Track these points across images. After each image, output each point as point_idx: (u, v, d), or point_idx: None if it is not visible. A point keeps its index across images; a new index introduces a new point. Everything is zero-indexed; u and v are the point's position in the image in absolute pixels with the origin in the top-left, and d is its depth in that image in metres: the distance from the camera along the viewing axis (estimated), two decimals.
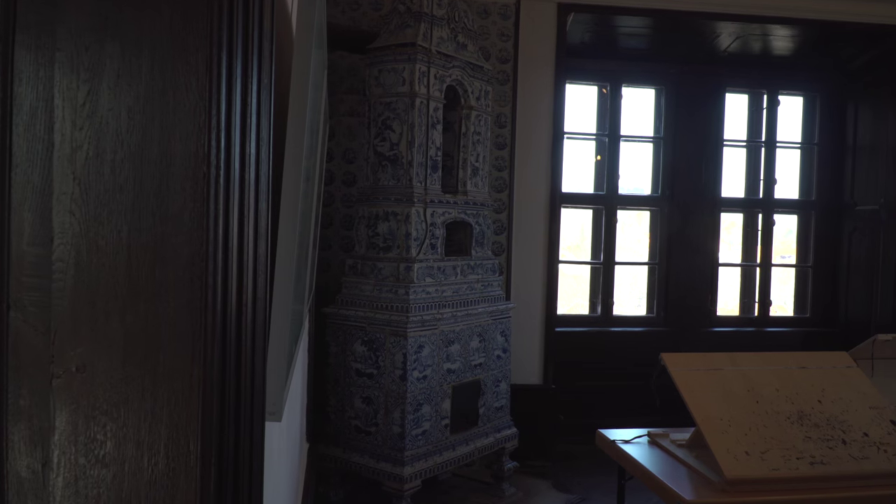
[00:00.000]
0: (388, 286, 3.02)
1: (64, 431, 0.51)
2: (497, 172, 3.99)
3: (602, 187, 4.46)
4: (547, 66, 4.00)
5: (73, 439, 0.51)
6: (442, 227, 3.16)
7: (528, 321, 4.10)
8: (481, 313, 3.27)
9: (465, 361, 3.17)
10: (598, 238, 4.49)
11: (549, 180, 4.13)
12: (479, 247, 3.39)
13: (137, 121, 0.53)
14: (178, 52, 0.54)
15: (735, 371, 2.11)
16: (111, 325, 0.55)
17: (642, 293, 4.66)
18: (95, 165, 0.53)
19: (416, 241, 3.03)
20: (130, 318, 0.56)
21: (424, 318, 2.94)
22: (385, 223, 3.08)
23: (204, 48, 0.55)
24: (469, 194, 3.35)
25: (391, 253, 3.06)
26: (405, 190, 3.04)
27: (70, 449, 0.51)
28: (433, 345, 3.00)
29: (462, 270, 3.25)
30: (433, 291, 3.07)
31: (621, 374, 4.27)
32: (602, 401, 4.27)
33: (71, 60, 0.51)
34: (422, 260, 3.03)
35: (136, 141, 0.54)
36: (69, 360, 0.53)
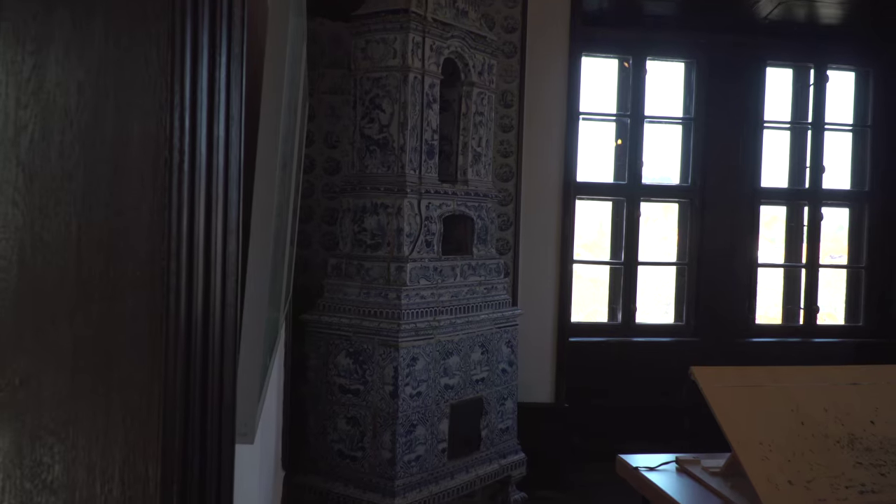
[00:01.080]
0: (376, 289, 3.02)
1: (8, 453, 0.51)
2: (502, 159, 4.00)
3: (623, 176, 4.47)
4: (560, 35, 4.01)
5: (18, 462, 0.51)
6: (439, 221, 3.17)
7: (538, 330, 4.12)
8: (484, 321, 3.28)
9: (466, 376, 3.18)
10: (618, 234, 4.51)
11: (563, 168, 4.15)
12: (481, 244, 3.40)
13: (88, 96, 0.53)
14: (136, 18, 0.54)
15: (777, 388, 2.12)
16: (59, 331, 0.55)
17: (669, 298, 4.68)
18: (41, 149, 0.53)
19: (410, 237, 3.04)
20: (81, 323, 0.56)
21: (418, 326, 2.95)
22: (373, 217, 3.09)
23: (166, 14, 0.55)
24: (470, 184, 3.36)
25: (380, 251, 3.07)
26: (396, 179, 3.05)
27: (15, 473, 0.51)
28: (428, 357, 3.00)
29: (462, 271, 3.26)
30: (428, 295, 3.08)
31: (645, 390, 4.29)
32: (623, 422, 4.28)
33: (16, 31, 0.51)
34: (415, 259, 3.04)
35: (86, 120, 0.54)
36: (11, 373, 0.53)
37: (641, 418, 4.28)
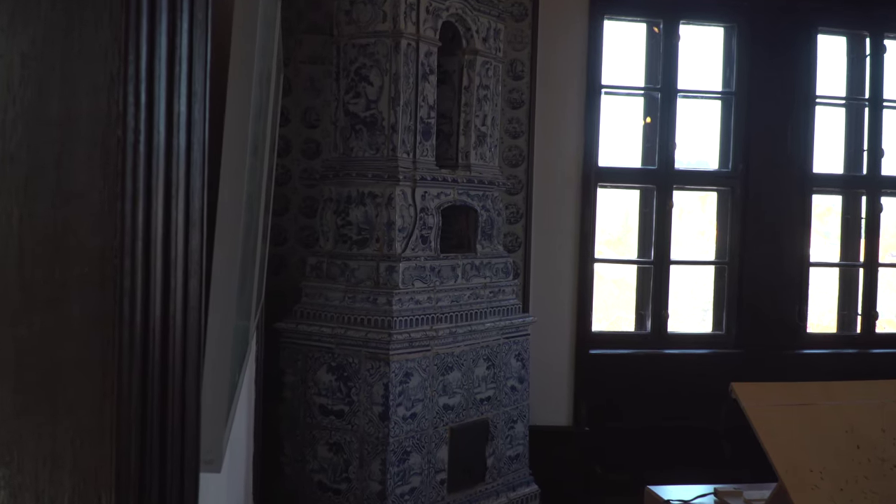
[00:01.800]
0: (363, 293, 3.03)
1: None
2: (511, 140, 4.01)
3: (653, 160, 4.48)
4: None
5: None
6: (436, 213, 3.18)
7: (554, 340, 4.13)
8: (490, 330, 3.29)
9: (469, 395, 3.19)
10: (647, 229, 4.52)
11: (582, 151, 4.16)
12: (486, 240, 3.41)
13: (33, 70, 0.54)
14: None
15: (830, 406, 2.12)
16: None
17: (707, 303, 4.69)
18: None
19: (402, 232, 3.05)
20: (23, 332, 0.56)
21: (413, 337, 2.97)
22: (360, 208, 3.10)
23: None
24: (473, 169, 3.37)
25: (368, 248, 3.08)
26: (386, 163, 3.06)
27: None
28: (425, 372, 3.02)
29: (464, 272, 3.27)
30: (424, 300, 3.09)
31: (679, 411, 4.30)
32: (652, 448, 4.29)
33: None
34: (409, 257, 3.05)
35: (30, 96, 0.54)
36: None
37: (674, 443, 4.29)
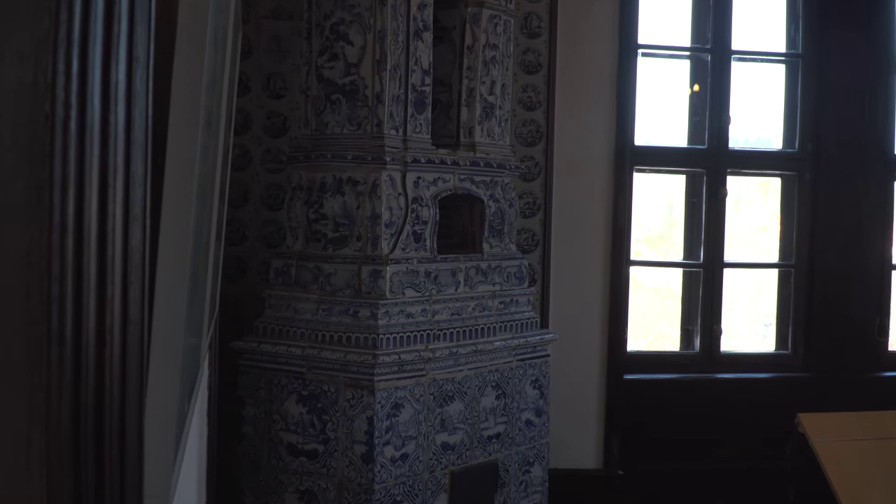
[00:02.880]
0: (341, 304, 3.05)
1: None
2: (526, 113, 4.02)
3: (701, 138, 4.49)
4: None
5: None
6: (433, 203, 3.19)
7: (579, 363, 4.14)
8: (500, 350, 3.30)
9: (473, 431, 3.21)
10: (695, 223, 4.53)
11: (614, 126, 4.17)
12: (495, 238, 3.42)
13: None
14: None
15: None
16: None
17: (769, 315, 4.71)
18: None
19: (390, 227, 3.06)
20: None
21: (404, 359, 2.98)
22: (337, 198, 3.11)
23: None
24: (478, 149, 3.38)
25: (347, 248, 3.09)
26: (370, 142, 3.07)
27: None
28: (419, 403, 3.03)
29: (467, 277, 3.28)
30: (418, 313, 3.10)
31: (734, 449, 4.31)
32: (702, 494, 4.30)
33: None
34: (399, 260, 3.06)
35: None
36: None
37: (728, 488, 4.29)
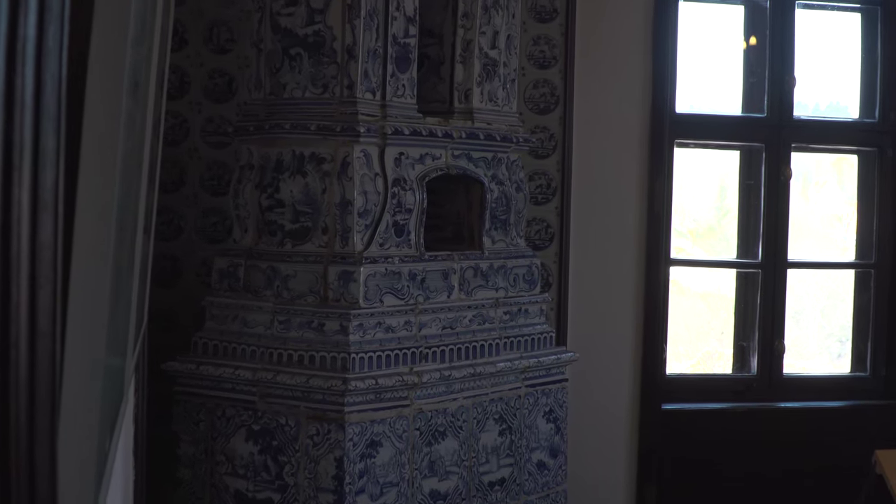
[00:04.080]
0: (303, 314, 3.05)
1: None
2: (538, 71, 4.02)
3: (759, 105, 4.50)
4: None
5: None
6: (419, 187, 3.19)
7: (606, 389, 4.14)
8: (504, 373, 3.31)
9: (471, 476, 3.22)
10: (751, 212, 4.54)
11: (650, 88, 4.16)
12: (499, 230, 3.43)
13: None
14: None
15: None
16: None
17: (844, 328, 4.72)
18: None
19: (365, 216, 3.06)
20: None
21: (382, 384, 2.98)
22: (297, 180, 3.11)
23: None
24: (478, 117, 3.38)
25: (310, 243, 3.09)
26: (340, 108, 3.07)
27: None
28: (401, 441, 3.03)
29: (463, 280, 3.28)
30: (400, 326, 3.10)
31: (799, 493, 4.32)
32: None
33: None
34: (376, 258, 3.06)
35: None
36: None
37: None
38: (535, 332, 3.47)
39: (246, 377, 3.05)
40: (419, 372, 3.08)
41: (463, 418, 3.20)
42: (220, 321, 3.19)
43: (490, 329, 3.34)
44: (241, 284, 3.17)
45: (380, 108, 3.12)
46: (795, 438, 4.35)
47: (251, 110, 3.23)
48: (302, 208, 3.11)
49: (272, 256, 3.13)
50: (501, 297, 3.39)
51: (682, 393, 4.38)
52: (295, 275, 3.08)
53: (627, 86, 4.17)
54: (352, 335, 2.97)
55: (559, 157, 4.02)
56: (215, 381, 3.10)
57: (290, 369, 3.01)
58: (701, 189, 4.86)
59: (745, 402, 4.44)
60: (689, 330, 4.88)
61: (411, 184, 3.17)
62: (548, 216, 4.02)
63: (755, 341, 4.48)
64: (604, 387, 4.13)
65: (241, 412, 3.06)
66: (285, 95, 3.14)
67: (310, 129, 3.09)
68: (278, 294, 3.10)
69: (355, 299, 3.01)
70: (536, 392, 3.42)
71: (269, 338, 3.08)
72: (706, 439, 4.30)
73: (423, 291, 3.17)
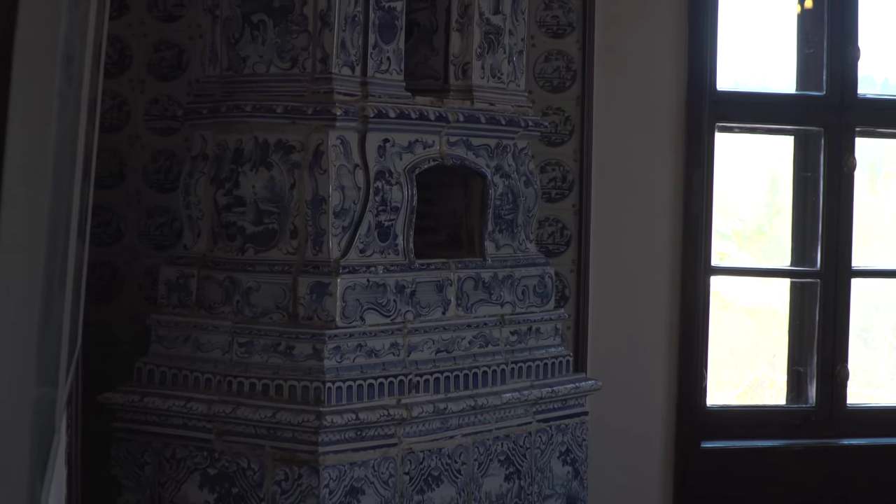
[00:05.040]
0: (268, 335, 3.05)
1: None
2: (551, 41, 4.02)
3: (817, 80, 4.50)
4: None
5: None
6: (408, 181, 3.19)
7: (634, 424, 4.13)
8: (512, 405, 3.31)
9: None
10: (808, 210, 4.54)
11: (685, 62, 4.16)
12: (504, 233, 3.43)
13: None
14: None
15: None
16: None
17: None
18: None
19: (342, 217, 3.06)
20: None
21: (364, 419, 2.98)
22: (260, 173, 3.11)
23: None
24: (478, 96, 3.38)
25: (276, 249, 3.09)
26: (312, 86, 3.07)
27: None
28: (387, 487, 3.04)
29: (461, 293, 3.28)
30: (386, 349, 3.10)
31: None
32: None
33: None
34: (356, 267, 3.06)
35: None
36: None
37: None
38: (549, 355, 3.47)
39: (200, 411, 3.04)
40: (408, 404, 3.07)
41: (462, 460, 3.20)
42: (168, 343, 3.18)
43: (494, 353, 3.34)
44: (193, 299, 3.17)
45: (360, 86, 3.12)
46: (861, 482, 4.35)
47: (205, 89, 3.23)
48: (266, 207, 3.10)
49: (231, 265, 3.13)
50: (507, 314, 3.39)
51: (725, 428, 4.37)
52: (258, 287, 3.08)
53: (658, 58, 4.17)
54: (327, 360, 2.97)
55: (576, 145, 4.02)
56: (163, 416, 3.10)
57: (252, 401, 3.01)
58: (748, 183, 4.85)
59: (801, 439, 4.43)
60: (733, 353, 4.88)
61: (398, 177, 3.17)
62: (563, 216, 4.02)
63: (813, 366, 4.48)
64: (632, 422, 4.12)
65: (195, 453, 3.06)
66: (246, 71, 3.14)
67: (275, 111, 3.09)
68: (238, 311, 3.10)
69: (331, 317, 3.00)
70: (550, 428, 3.42)
71: (228, 363, 3.08)
72: (754, 483, 4.30)
73: (412, 307, 3.17)
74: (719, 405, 4.48)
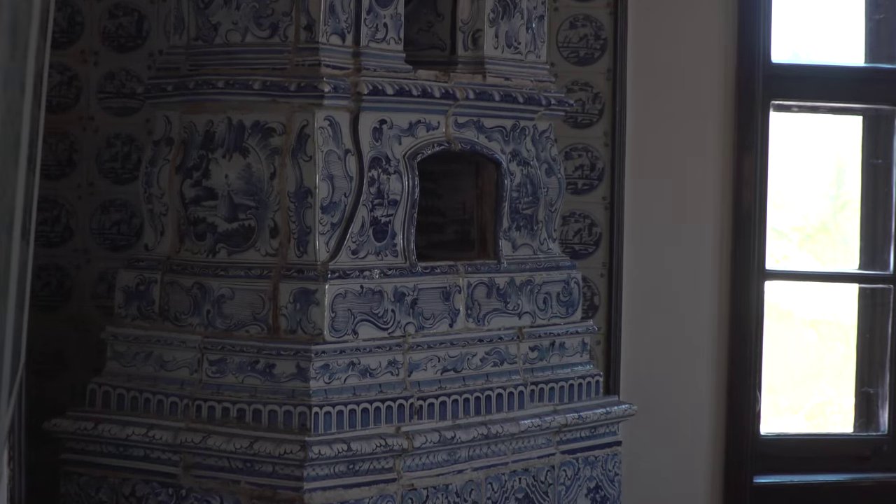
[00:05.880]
0: (244, 351, 3.05)
1: None
2: (576, 4, 4.03)
3: (888, 51, 4.50)
4: None
5: None
6: (408, 169, 3.20)
7: (675, 455, 4.14)
8: (531, 434, 3.32)
9: None
10: (879, 204, 4.54)
11: (734, 29, 4.16)
12: (523, 230, 3.43)
13: None
14: None
15: None
16: None
17: None
18: None
19: (330, 212, 3.07)
20: None
21: (358, 451, 2.98)
22: (235, 160, 3.11)
23: None
24: (491, 69, 3.39)
25: (253, 250, 3.10)
26: (295, 57, 3.08)
27: None
28: None
29: (472, 302, 3.29)
30: (382, 367, 3.11)
31: None
32: None
33: None
34: (347, 271, 3.07)
35: None
36: None
37: None
38: (575, 375, 3.47)
39: (164, 440, 3.05)
40: (410, 433, 3.08)
41: (472, 498, 3.20)
42: (126, 361, 3.19)
43: (510, 372, 3.35)
44: (155, 309, 3.17)
45: (351, 58, 3.12)
46: None
47: (169, 62, 3.23)
48: (242, 201, 3.11)
49: (200, 269, 3.13)
50: (526, 327, 3.39)
51: (782, 460, 4.38)
52: (232, 295, 3.09)
53: (704, 25, 4.17)
54: (313, 380, 2.97)
55: (607, 126, 4.02)
56: (121, 447, 3.10)
57: (226, 429, 3.01)
58: (809, 171, 4.85)
59: (870, 473, 4.44)
60: (792, 372, 4.88)
61: (397, 165, 3.18)
62: (592, 210, 4.02)
63: (885, 387, 4.48)
64: (672, 452, 4.13)
65: (158, 490, 3.06)
66: (218, 41, 3.15)
67: (252, 87, 3.09)
68: (209, 323, 3.10)
69: (318, 330, 3.00)
70: (577, 461, 3.42)
71: (197, 385, 3.08)
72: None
73: (414, 318, 3.17)
74: (775, 433, 4.48)
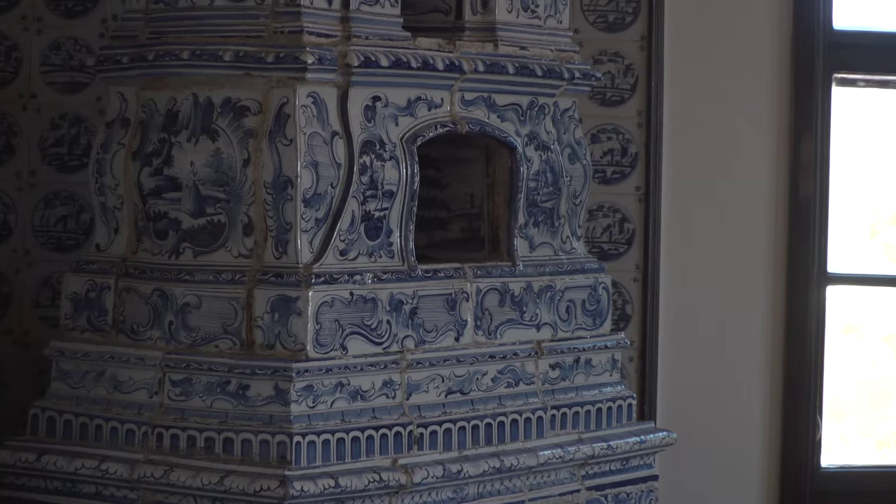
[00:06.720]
0: (214, 370, 3.06)
1: None
2: None
3: None
4: None
5: None
6: (406, 154, 3.21)
7: (722, 491, 4.13)
8: (552, 467, 3.33)
9: None
10: None
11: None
12: (541, 227, 3.45)
13: None
14: None
15: None
16: None
17: None
18: None
19: (314, 206, 3.08)
20: None
21: (347, 487, 2.99)
22: (202, 144, 3.13)
23: None
24: (504, 36, 3.41)
25: (223, 251, 3.11)
26: (272, 23, 3.09)
27: None
28: None
29: (481, 311, 3.31)
30: (377, 388, 3.12)
31: None
32: None
33: None
34: (334, 275, 3.07)
35: None
36: None
37: None
38: (603, 397, 3.48)
39: (119, 475, 3.05)
40: (409, 466, 3.08)
41: None
42: (74, 381, 3.19)
43: (527, 394, 3.35)
44: (109, 320, 3.18)
45: (340, 24, 3.12)
46: None
47: (125, 29, 3.24)
48: (210, 192, 3.11)
49: (161, 273, 3.13)
50: (546, 341, 3.40)
51: (846, 497, 4.40)
52: (199, 304, 3.09)
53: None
54: (295, 404, 2.97)
55: (641, 105, 4.03)
56: (69, 482, 3.11)
57: (191, 461, 3.01)
58: (879, 156, 4.85)
59: None
60: (860, 394, 4.88)
61: (393, 150, 3.18)
62: (624, 203, 4.03)
63: None
64: (717, 488, 4.14)
65: None
66: (182, 4, 3.15)
67: (223, 59, 3.09)
68: (172, 336, 3.10)
69: (300, 345, 3.00)
70: (606, 498, 3.42)
71: (158, 409, 3.09)
72: None
73: (413, 331, 3.18)
74: (838, 466, 4.49)
